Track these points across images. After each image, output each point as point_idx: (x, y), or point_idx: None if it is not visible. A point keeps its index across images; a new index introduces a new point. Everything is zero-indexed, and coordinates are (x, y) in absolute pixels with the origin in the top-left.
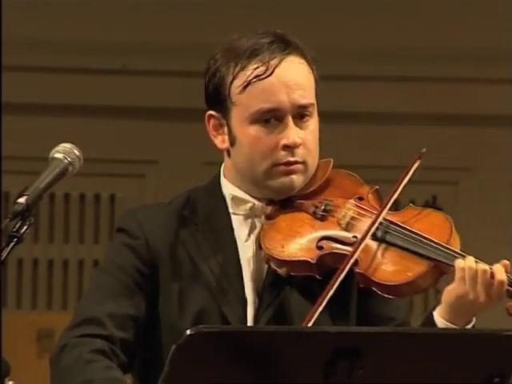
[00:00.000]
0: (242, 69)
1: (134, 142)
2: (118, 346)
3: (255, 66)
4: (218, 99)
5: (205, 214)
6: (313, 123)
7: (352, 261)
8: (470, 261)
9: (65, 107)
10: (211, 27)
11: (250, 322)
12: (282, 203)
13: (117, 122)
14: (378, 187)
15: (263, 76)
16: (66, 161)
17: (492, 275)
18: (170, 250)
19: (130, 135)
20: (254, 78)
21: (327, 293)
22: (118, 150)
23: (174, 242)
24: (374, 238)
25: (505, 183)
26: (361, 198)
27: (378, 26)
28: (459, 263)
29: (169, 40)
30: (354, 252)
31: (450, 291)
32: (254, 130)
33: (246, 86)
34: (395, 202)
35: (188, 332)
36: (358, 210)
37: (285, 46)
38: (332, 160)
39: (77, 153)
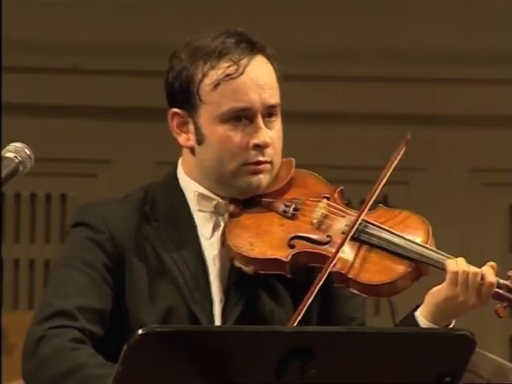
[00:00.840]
0: (212, 67)
1: (86, 142)
2: (88, 339)
3: (226, 64)
4: (185, 97)
5: (165, 211)
6: (279, 123)
7: (334, 261)
8: (462, 263)
9: (16, 106)
10: (164, 26)
11: (217, 321)
12: (245, 202)
13: (68, 121)
14: (342, 187)
15: (235, 75)
16: (17, 160)
17: (482, 277)
18: (134, 245)
19: (82, 135)
20: (226, 76)
21: (311, 294)
22: (69, 149)
23: (138, 237)
24: (353, 237)
25: (456, 183)
26: (327, 198)
27: (342, 26)
28: (451, 266)
29: (121, 39)
30: (336, 252)
31: (438, 293)
32: (224, 128)
33: (216, 85)
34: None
35: (140, 332)
36: (330, 209)
37: (252, 45)
38: (294, 159)
39: (28, 152)
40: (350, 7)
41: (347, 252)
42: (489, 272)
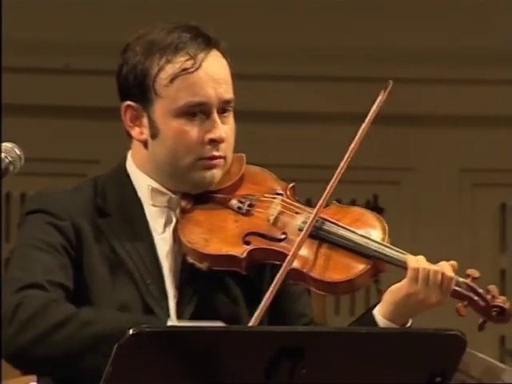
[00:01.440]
0: (169, 61)
1: (77, 142)
2: None
3: (182, 59)
4: (140, 91)
5: (116, 205)
6: (232, 118)
7: (294, 258)
8: (423, 261)
9: (6, 106)
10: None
11: (173, 316)
12: (197, 197)
13: (58, 121)
14: (294, 184)
15: (191, 69)
16: (7, 160)
17: (443, 275)
18: (92, 236)
19: (72, 135)
20: (182, 71)
21: (271, 293)
22: (59, 149)
23: (94, 229)
24: (310, 235)
25: (447, 183)
26: (280, 194)
27: (317, 26)
28: (412, 263)
29: (113, 39)
30: (296, 249)
31: (398, 291)
32: (180, 123)
33: (173, 79)
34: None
35: (130, 331)
36: (285, 206)
37: (208, 40)
38: (244, 155)
39: (18, 152)
40: (345, 7)
41: (305, 249)
42: (448, 269)
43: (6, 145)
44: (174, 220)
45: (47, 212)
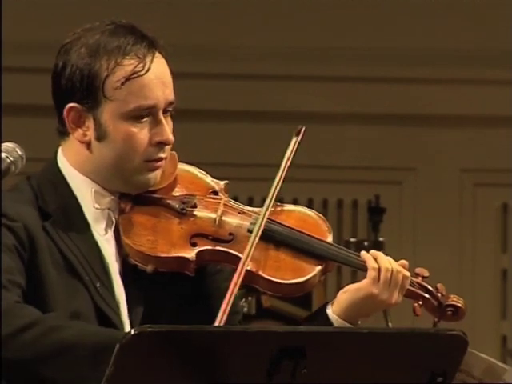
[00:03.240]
0: (118, 64)
1: None
2: None
3: (132, 61)
4: (86, 93)
5: (55, 206)
6: (171, 121)
7: (247, 261)
8: (384, 260)
9: (6, 106)
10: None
11: (124, 318)
12: (135, 198)
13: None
14: (227, 181)
15: (142, 72)
16: (9, 160)
17: (402, 275)
18: (41, 238)
19: None
20: (133, 74)
21: (231, 295)
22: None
23: (41, 231)
24: (261, 236)
25: (448, 183)
26: (215, 193)
27: (317, 26)
28: (372, 263)
29: None
30: (249, 251)
31: (358, 291)
32: (128, 125)
33: (123, 82)
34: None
35: (132, 332)
36: (227, 206)
37: (151, 42)
38: (176, 153)
39: (19, 152)
40: (339, 6)
41: (256, 251)
42: (403, 268)
43: (7, 145)
44: (114, 221)
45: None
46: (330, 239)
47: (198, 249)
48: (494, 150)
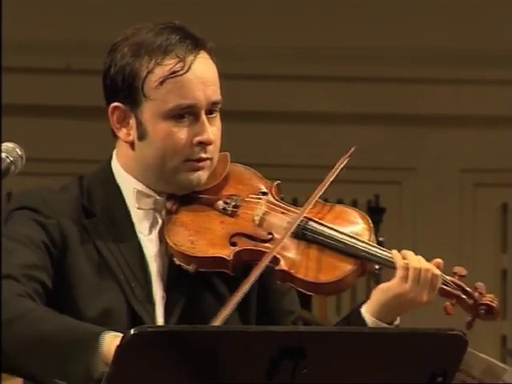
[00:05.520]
0: (158, 64)
1: (77, 142)
2: None
3: (172, 61)
4: (128, 92)
5: (102, 206)
6: (219, 119)
7: (269, 259)
8: (413, 259)
9: (7, 106)
10: None
11: (160, 319)
12: (182, 198)
13: (60, 121)
14: (279, 182)
15: (181, 72)
16: (8, 160)
17: (432, 273)
18: (77, 236)
19: (72, 134)
20: (172, 73)
21: (242, 291)
22: (61, 149)
23: (80, 229)
24: (295, 235)
25: (447, 183)
26: (265, 193)
27: (317, 26)
28: (401, 262)
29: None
30: (274, 247)
31: (387, 290)
32: (168, 125)
33: (162, 82)
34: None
35: (132, 331)
36: (270, 206)
37: (196, 41)
38: (228, 154)
39: (19, 152)
40: (340, 6)
41: (291, 250)
42: (435, 267)
43: (7, 145)
44: (160, 222)
45: (33, 209)
46: (370, 238)
47: (236, 248)
48: (494, 150)
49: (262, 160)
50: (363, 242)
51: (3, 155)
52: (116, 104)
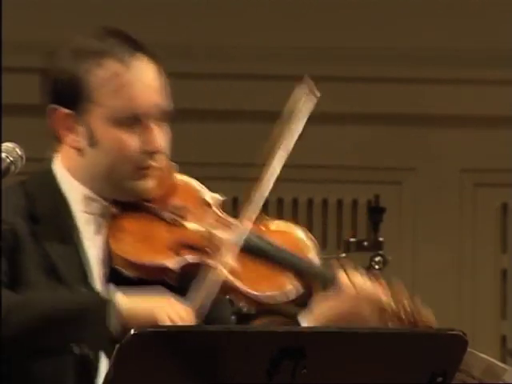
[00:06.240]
0: (99, 65)
1: None
2: None
3: (112, 63)
4: (73, 98)
5: (46, 210)
6: (168, 128)
7: (217, 273)
8: (356, 277)
9: (6, 106)
10: (156, 27)
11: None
12: (128, 205)
13: None
14: (225, 198)
15: (122, 73)
16: (8, 160)
17: (374, 296)
18: (28, 242)
19: None
20: (113, 75)
21: (200, 299)
22: None
23: (29, 233)
24: (241, 248)
25: (448, 183)
26: (209, 205)
27: (318, 26)
28: (344, 279)
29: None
30: (220, 261)
31: (330, 307)
32: (118, 132)
33: (105, 85)
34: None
35: (132, 332)
36: (217, 218)
37: (135, 44)
38: (175, 164)
39: (19, 152)
40: (340, 6)
41: (236, 263)
42: (380, 291)
43: (7, 145)
44: (104, 227)
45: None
46: (312, 255)
47: (180, 258)
48: (494, 150)
49: (261, 160)
50: (305, 259)
51: (3, 155)
52: (62, 110)
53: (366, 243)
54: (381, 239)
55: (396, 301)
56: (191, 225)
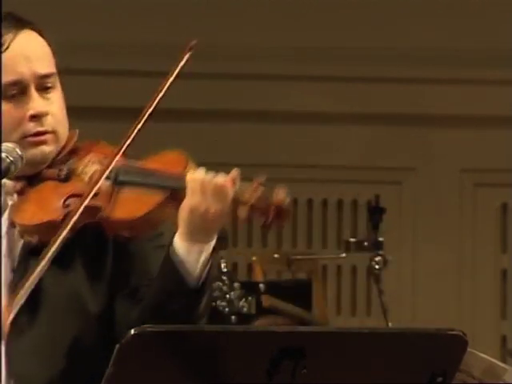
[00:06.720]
0: None
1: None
2: None
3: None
4: None
5: None
6: (57, 94)
7: (82, 207)
8: (199, 172)
9: None
10: (155, 26)
11: (3, 299)
12: (30, 178)
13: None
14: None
15: (7, 52)
16: (8, 160)
17: (217, 184)
18: None
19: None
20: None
21: (54, 244)
22: None
23: None
24: (111, 182)
25: (448, 183)
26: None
27: (317, 26)
28: (188, 176)
29: (111, 39)
30: (91, 188)
31: (184, 206)
32: (6, 105)
33: None
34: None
35: (131, 331)
36: (101, 162)
37: (17, 21)
38: (77, 130)
39: (19, 152)
40: (340, 6)
41: (107, 197)
42: (222, 178)
43: (7, 145)
44: (10, 204)
45: None
46: (186, 171)
47: (68, 209)
48: (494, 150)
49: (261, 160)
50: (167, 173)
51: (3, 155)
52: None
53: (366, 243)
54: (381, 239)
55: (245, 190)
56: (77, 176)
